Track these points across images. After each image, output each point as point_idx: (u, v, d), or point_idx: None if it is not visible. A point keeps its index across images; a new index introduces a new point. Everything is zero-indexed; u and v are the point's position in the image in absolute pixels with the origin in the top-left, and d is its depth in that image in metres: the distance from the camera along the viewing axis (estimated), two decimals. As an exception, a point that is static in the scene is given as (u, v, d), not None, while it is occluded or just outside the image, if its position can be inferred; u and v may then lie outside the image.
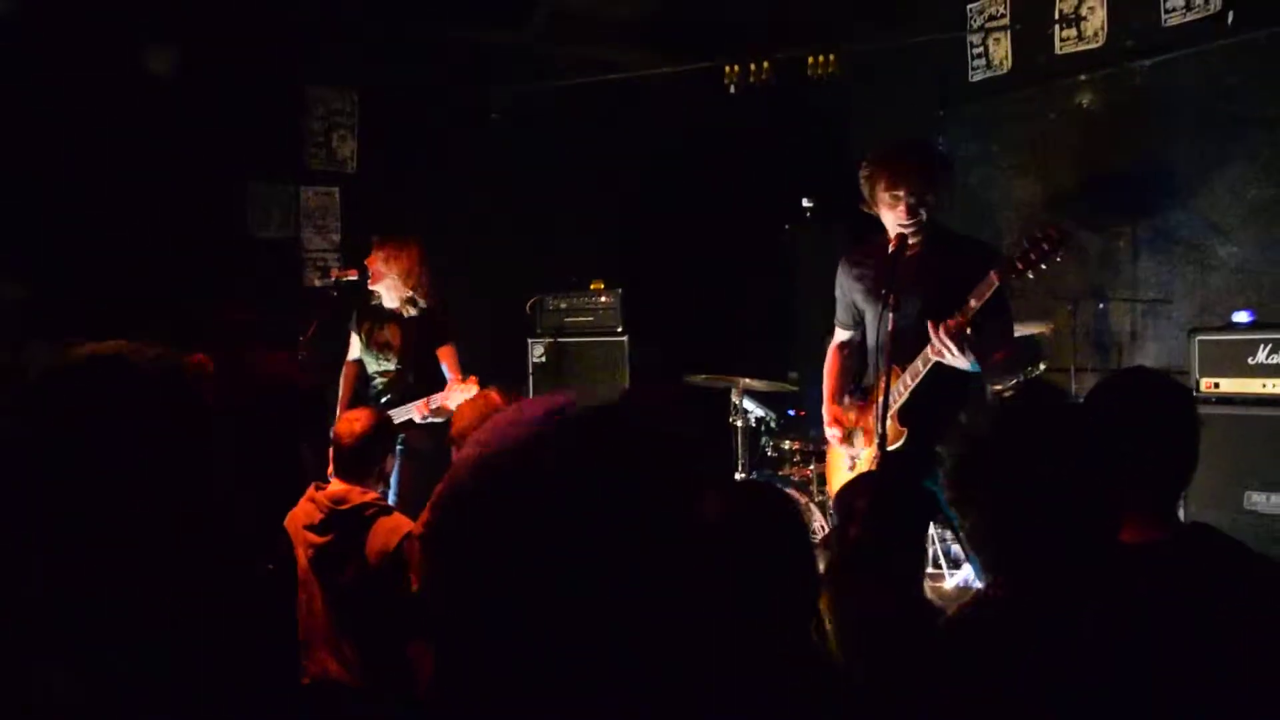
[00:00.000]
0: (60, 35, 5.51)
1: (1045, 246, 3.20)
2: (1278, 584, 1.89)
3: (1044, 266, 3.26)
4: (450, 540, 1.01)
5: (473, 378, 4.77)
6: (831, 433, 3.93)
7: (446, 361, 5.12)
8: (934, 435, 3.37)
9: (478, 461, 1.03)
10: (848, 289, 3.92)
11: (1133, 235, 5.73)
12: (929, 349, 3.42)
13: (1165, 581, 1.72)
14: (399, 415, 4.78)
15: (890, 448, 3.55)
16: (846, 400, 3.98)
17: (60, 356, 1.42)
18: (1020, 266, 3.26)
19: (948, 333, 3.32)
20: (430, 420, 4.85)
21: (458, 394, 4.69)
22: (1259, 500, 4.13)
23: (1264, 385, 4.24)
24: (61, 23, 5.50)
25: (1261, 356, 4.27)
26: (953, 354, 3.34)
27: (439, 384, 4.95)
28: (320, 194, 6.62)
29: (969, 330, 3.33)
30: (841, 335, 4.05)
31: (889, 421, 3.57)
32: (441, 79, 6.72)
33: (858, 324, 3.89)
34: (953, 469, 1.71)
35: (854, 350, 4.02)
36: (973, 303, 3.31)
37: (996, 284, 3.29)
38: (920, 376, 3.48)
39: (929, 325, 3.38)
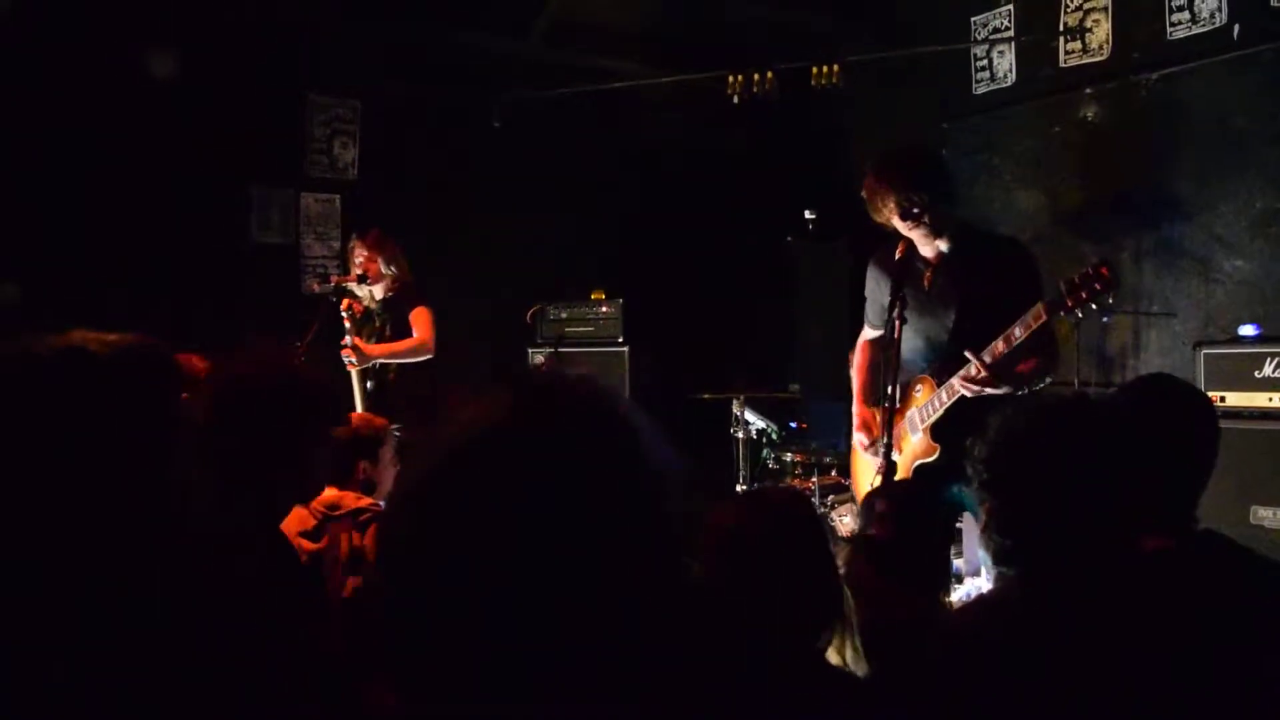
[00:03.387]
0: (64, 39, 5.50)
1: (1098, 286, 3.11)
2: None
3: (1094, 306, 3.19)
4: (406, 539, 0.96)
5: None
6: (859, 438, 3.84)
7: (417, 325, 5.12)
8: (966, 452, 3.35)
9: (437, 450, 0.98)
10: (877, 289, 3.84)
11: (1137, 248, 5.70)
12: (958, 382, 3.35)
13: (1179, 587, 1.69)
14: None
15: (920, 461, 3.50)
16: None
17: (20, 347, 1.41)
18: (1070, 304, 3.17)
19: (977, 380, 3.26)
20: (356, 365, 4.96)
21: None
22: (1265, 515, 4.09)
23: (1270, 399, 4.21)
24: (65, 26, 5.48)
25: (1268, 370, 4.24)
26: (984, 392, 3.29)
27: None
28: (321, 200, 6.59)
29: (1006, 357, 3.27)
30: (870, 333, 3.97)
31: (921, 435, 3.52)
32: (444, 87, 6.70)
33: (888, 324, 3.82)
34: (990, 453, 1.69)
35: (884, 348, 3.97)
36: (1018, 332, 3.24)
37: (1045, 319, 3.21)
38: (955, 397, 3.42)
39: (958, 380, 3.32)
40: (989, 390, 3.27)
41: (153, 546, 1.51)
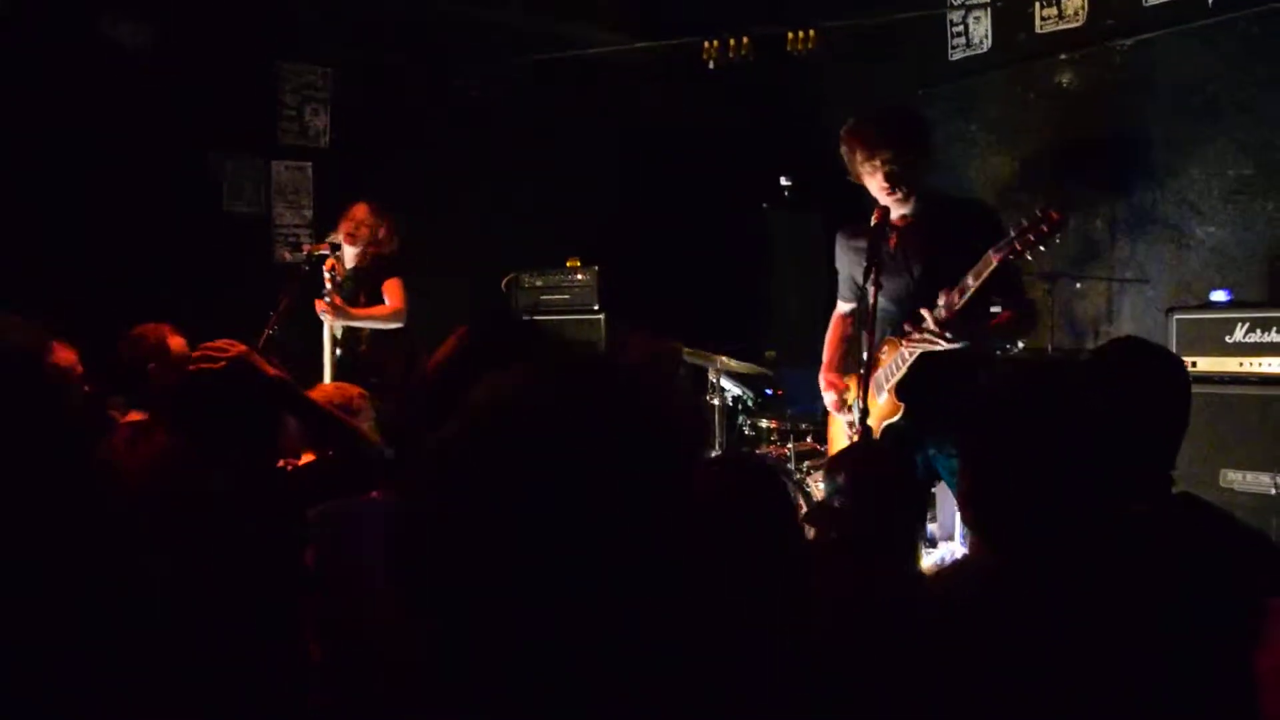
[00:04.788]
0: (27, 6, 5.40)
1: (1044, 228, 3.14)
2: (1266, 552, 1.88)
3: (1043, 248, 3.21)
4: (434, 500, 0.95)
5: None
6: (829, 397, 3.85)
7: (389, 294, 5.15)
8: (930, 411, 3.37)
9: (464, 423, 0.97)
10: (845, 263, 3.84)
11: (1110, 215, 5.73)
12: (915, 337, 3.36)
13: (1161, 551, 1.70)
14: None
15: (887, 422, 3.52)
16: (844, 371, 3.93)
17: None
18: (1019, 248, 3.18)
19: (933, 327, 3.27)
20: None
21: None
22: (1235, 478, 4.13)
23: (1241, 364, 4.24)
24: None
25: (1239, 335, 4.27)
26: (939, 345, 3.30)
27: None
28: (292, 169, 6.52)
29: (963, 307, 3.27)
30: (844, 307, 3.98)
31: (886, 396, 3.53)
32: (417, 54, 6.63)
33: (859, 297, 3.80)
34: (969, 417, 1.68)
35: (857, 321, 3.95)
36: (970, 281, 3.25)
37: (995, 264, 3.21)
38: (915, 354, 3.43)
39: (919, 313, 3.33)
40: (945, 343, 3.28)
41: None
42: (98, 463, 1.75)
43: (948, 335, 3.27)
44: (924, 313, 3.30)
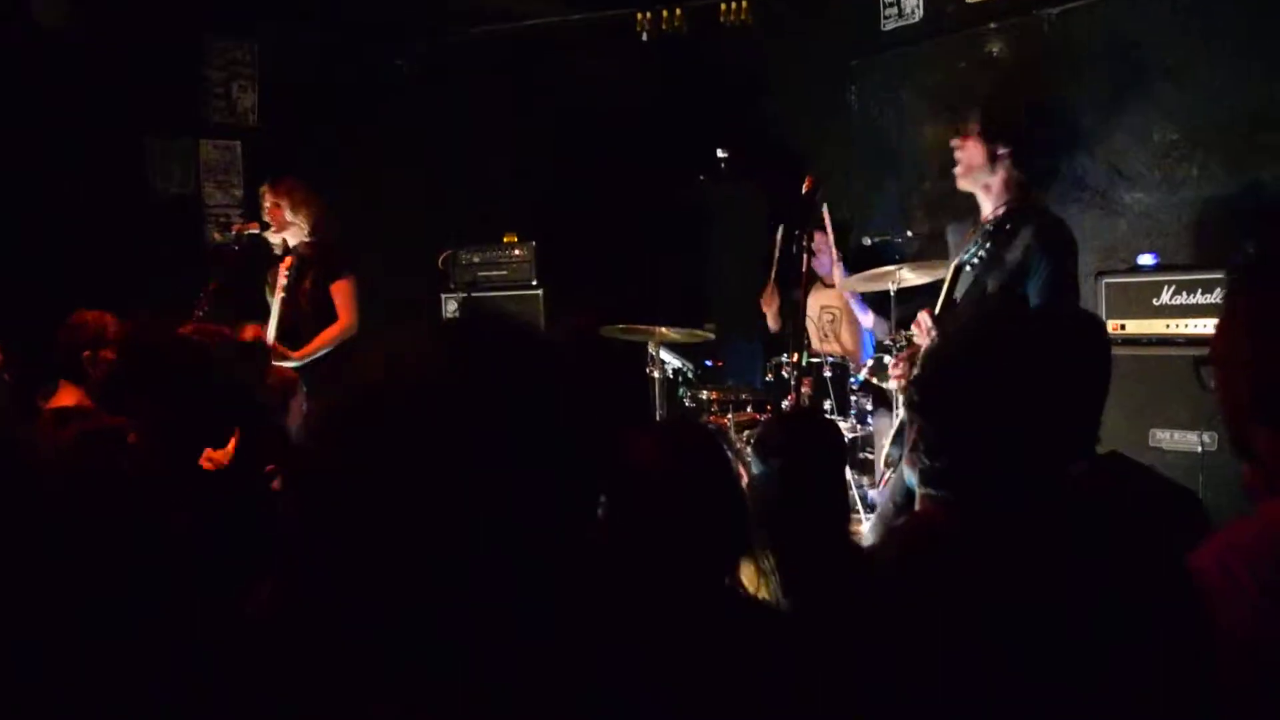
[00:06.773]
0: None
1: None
2: (1191, 508, 1.93)
3: None
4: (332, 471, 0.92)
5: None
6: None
7: (337, 298, 4.97)
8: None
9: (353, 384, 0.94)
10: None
11: (1041, 181, 5.79)
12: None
13: (1096, 507, 1.73)
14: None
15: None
16: None
17: None
18: None
19: None
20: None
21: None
22: (1163, 438, 4.22)
23: (1168, 326, 4.34)
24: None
25: (1165, 298, 4.36)
26: None
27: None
28: (221, 147, 6.39)
29: None
30: None
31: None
32: (346, 28, 6.52)
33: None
34: (922, 376, 1.71)
35: None
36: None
37: None
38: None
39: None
40: None
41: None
42: (20, 450, 1.71)
43: None
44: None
